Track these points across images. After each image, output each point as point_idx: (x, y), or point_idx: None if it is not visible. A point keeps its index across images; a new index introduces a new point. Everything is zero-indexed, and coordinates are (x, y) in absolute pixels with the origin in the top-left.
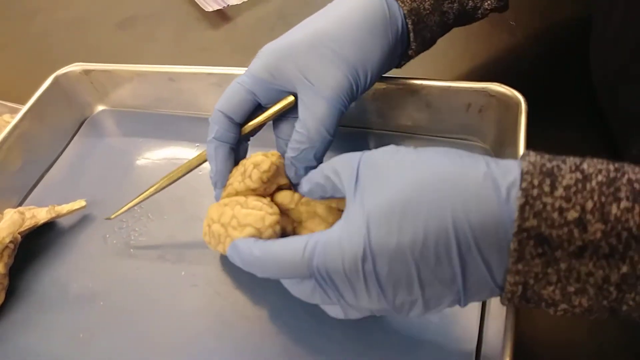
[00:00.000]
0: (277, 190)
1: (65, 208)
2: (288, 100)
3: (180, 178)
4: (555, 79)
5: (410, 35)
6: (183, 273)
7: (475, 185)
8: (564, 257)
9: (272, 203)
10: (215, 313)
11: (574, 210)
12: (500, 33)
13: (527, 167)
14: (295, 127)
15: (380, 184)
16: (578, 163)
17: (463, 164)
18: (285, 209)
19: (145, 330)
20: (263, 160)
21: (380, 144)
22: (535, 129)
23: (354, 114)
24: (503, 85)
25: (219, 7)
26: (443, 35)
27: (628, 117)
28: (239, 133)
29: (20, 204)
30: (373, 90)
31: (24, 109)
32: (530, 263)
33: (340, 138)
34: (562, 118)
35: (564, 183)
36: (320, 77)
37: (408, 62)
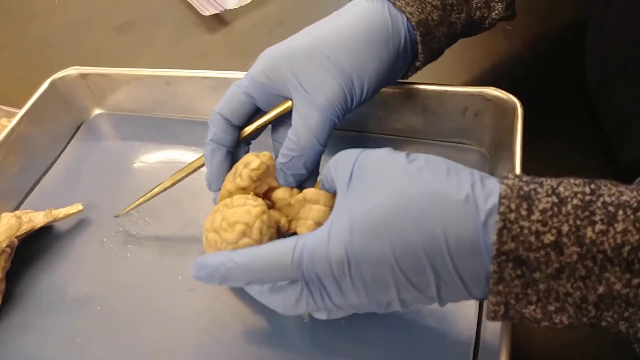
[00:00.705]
0: (271, 190)
1: (62, 212)
2: (286, 105)
3: (183, 179)
4: (551, 83)
5: (419, 47)
6: (180, 277)
7: (457, 208)
8: (543, 278)
9: (255, 197)
10: (213, 317)
11: (550, 234)
12: (497, 37)
13: (504, 191)
14: (288, 133)
15: (368, 190)
16: (555, 186)
17: (449, 183)
18: (285, 205)
19: (142, 334)
20: (253, 159)
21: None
22: (532, 133)
23: (351, 118)
24: (499, 90)
25: (216, 11)
26: (450, 46)
27: (623, 119)
28: (237, 136)
29: (17, 208)
30: None
31: (21, 113)
32: (510, 284)
33: (338, 142)
34: (558, 122)
35: (540, 207)
36: (316, 85)
37: (415, 73)
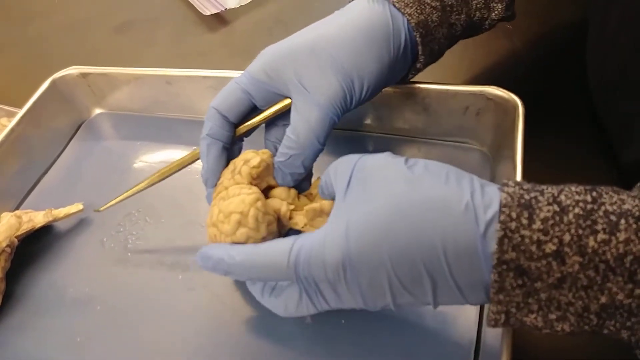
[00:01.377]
0: (269, 189)
1: (62, 212)
2: (284, 103)
3: (173, 174)
4: (553, 83)
5: (419, 48)
6: (180, 277)
7: (456, 217)
8: (544, 288)
9: (250, 185)
10: (213, 317)
11: (552, 243)
12: (498, 37)
13: (505, 199)
14: (287, 132)
15: (366, 196)
16: (556, 194)
17: (449, 191)
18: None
19: (142, 335)
20: (253, 157)
21: (378, 148)
22: (533, 132)
23: (352, 117)
24: (500, 89)
25: (217, 10)
26: (450, 48)
27: (624, 120)
28: (233, 132)
29: (17, 208)
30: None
31: (21, 112)
32: (511, 293)
33: (338, 141)
34: (559, 122)
35: (542, 216)
36: (316, 84)
37: (416, 75)
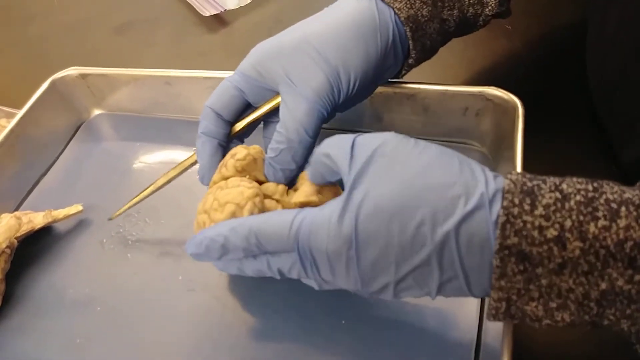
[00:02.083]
0: (258, 185)
1: (62, 213)
2: (277, 100)
3: (178, 176)
4: (552, 83)
5: (410, 43)
6: (180, 278)
7: (471, 206)
8: (545, 273)
9: (251, 180)
10: (213, 318)
11: (553, 229)
12: (497, 37)
13: (508, 185)
14: (277, 127)
15: (381, 175)
16: (558, 183)
17: (463, 178)
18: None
19: (142, 336)
20: (240, 150)
21: None
22: (532, 133)
23: (352, 118)
24: (500, 89)
25: (216, 11)
26: (444, 44)
27: (625, 120)
28: (229, 130)
29: (17, 209)
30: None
31: (21, 113)
32: (513, 280)
33: None
34: (558, 122)
35: (544, 202)
36: (303, 77)
37: (410, 71)
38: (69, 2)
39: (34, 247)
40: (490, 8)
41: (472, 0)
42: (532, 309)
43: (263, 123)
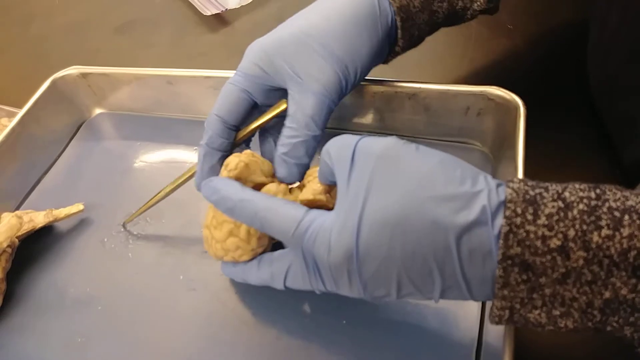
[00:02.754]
0: (257, 187)
1: (63, 212)
2: (281, 108)
3: (188, 180)
4: (554, 83)
5: (398, 32)
6: (181, 277)
7: (472, 217)
8: (548, 283)
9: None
10: (214, 318)
11: (557, 239)
12: (499, 37)
13: (510, 195)
14: (285, 123)
15: (381, 185)
16: (560, 191)
17: (464, 189)
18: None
19: (143, 335)
20: (231, 160)
21: None
22: (534, 133)
23: (353, 118)
24: (501, 89)
25: (217, 11)
26: (431, 34)
27: (626, 119)
28: (234, 138)
29: (18, 208)
30: (371, 94)
31: (22, 112)
32: (516, 289)
33: None
34: (560, 121)
35: (547, 211)
36: (309, 72)
37: (394, 58)
38: (70, 1)
39: (35, 246)
40: (479, 4)
41: None
42: (535, 317)
43: (259, 137)
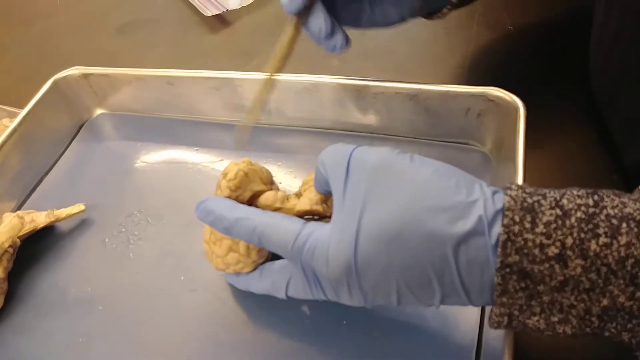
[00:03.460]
0: (256, 195)
1: (64, 212)
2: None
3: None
4: (554, 84)
5: None
6: (182, 278)
7: (469, 228)
8: (547, 290)
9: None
10: (215, 318)
11: (555, 247)
12: (499, 38)
13: (508, 202)
14: None
15: (377, 197)
16: (558, 198)
17: (460, 199)
18: (273, 210)
19: (144, 335)
20: (230, 169)
21: None
22: (534, 134)
23: (352, 118)
24: (502, 90)
25: (218, 11)
26: None
27: (628, 120)
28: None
29: (19, 208)
30: (372, 95)
31: (23, 113)
32: (514, 296)
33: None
34: (560, 123)
35: (544, 219)
36: None
37: (450, 13)
38: (71, 2)
39: (37, 246)
40: None
41: None
42: (533, 323)
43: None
